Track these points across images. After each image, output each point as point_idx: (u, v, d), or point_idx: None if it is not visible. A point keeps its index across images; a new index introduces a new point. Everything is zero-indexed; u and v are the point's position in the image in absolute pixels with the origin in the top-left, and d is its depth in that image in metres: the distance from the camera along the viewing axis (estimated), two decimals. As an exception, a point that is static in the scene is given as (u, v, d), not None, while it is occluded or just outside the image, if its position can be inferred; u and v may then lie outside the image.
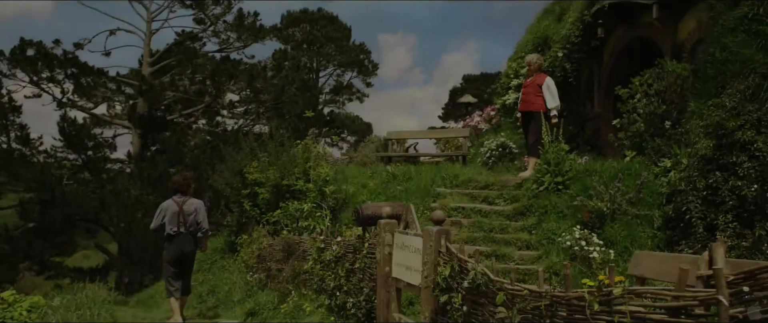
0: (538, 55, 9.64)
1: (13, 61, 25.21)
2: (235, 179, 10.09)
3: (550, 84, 8.99)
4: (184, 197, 7.83)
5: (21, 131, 24.90)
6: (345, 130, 37.53)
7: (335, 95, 39.17)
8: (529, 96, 9.10)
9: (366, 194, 9.70)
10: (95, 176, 26.11)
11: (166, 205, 7.90)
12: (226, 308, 8.42)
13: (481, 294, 3.81)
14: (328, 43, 36.71)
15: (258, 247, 8.53)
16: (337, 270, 5.98)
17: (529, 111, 9.07)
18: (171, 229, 7.68)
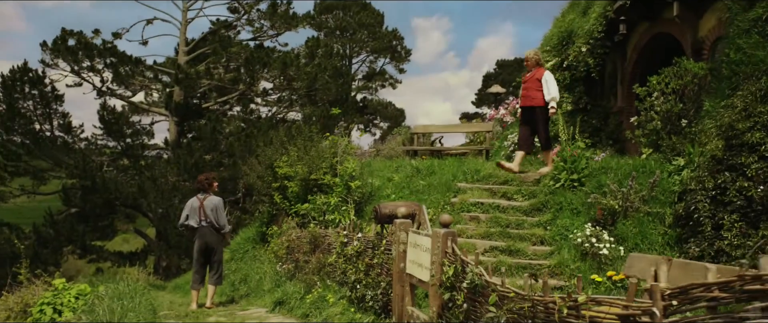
0: (536, 49, 9.68)
1: (55, 52, 26.24)
2: (266, 173, 10.63)
3: (548, 78, 9.15)
4: (206, 195, 8.69)
5: (63, 119, 25.95)
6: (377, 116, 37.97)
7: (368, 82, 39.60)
8: (529, 91, 9.25)
9: (391, 188, 10.16)
10: (133, 162, 27.06)
11: (190, 202, 8.85)
12: (256, 296, 9.03)
13: (478, 293, 4.23)
14: (360, 30, 37.09)
15: (287, 239, 9.08)
16: (357, 264, 6.47)
17: (531, 106, 9.24)
18: (194, 222, 8.65)
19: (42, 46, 26.14)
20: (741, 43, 7.64)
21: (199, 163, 25.33)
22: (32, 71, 25.13)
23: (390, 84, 39.82)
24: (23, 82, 25.06)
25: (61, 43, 26.26)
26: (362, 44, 38.03)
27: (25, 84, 25.03)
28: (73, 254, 25.69)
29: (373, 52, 38.58)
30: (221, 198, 8.83)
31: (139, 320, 5.40)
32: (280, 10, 28.94)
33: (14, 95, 24.91)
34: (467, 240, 7.57)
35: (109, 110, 26.51)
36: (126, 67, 27.20)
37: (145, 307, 6.41)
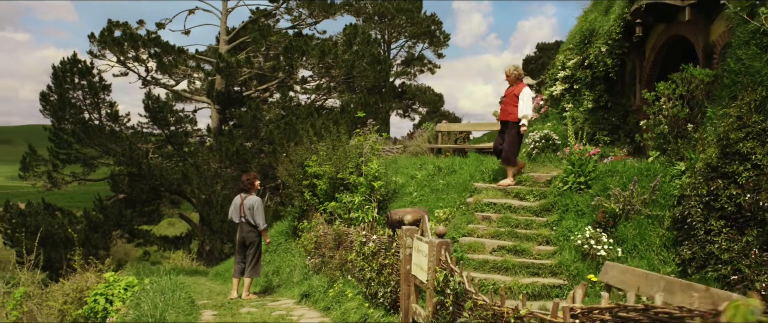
0: (515, 65, 10.11)
1: (102, 43, 27.62)
2: (297, 171, 11.53)
3: (524, 94, 9.63)
4: (247, 194, 9.68)
5: (111, 108, 27.33)
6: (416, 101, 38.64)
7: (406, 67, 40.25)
8: (507, 106, 9.76)
9: (414, 186, 10.95)
10: (177, 149, 28.40)
11: (235, 199, 9.97)
12: (286, 288, 9.99)
13: (460, 298, 5.01)
14: (399, 15, 37.70)
15: (315, 235, 9.99)
16: (372, 263, 7.31)
17: (506, 120, 9.75)
18: (235, 218, 9.83)
19: (90, 37, 27.59)
20: (740, 54, 8.14)
21: (240, 150, 26.50)
22: (81, 62, 26.52)
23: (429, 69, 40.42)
24: (73, 73, 26.46)
25: (108, 35, 27.62)
26: (401, 29, 38.68)
27: (74, 75, 26.43)
28: (122, 238, 27.29)
29: (411, 37, 39.21)
30: (260, 199, 9.83)
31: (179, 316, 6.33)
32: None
33: (65, 85, 26.37)
34: (477, 240, 8.31)
35: (153, 99, 27.78)
36: (169, 57, 28.42)
37: (185, 301, 7.39)
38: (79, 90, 26.78)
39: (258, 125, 27.86)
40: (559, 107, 12.94)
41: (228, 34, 29.83)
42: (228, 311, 8.18)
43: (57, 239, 24.43)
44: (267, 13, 30.38)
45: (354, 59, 28.68)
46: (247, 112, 27.88)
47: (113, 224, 26.37)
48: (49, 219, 25.19)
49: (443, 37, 39.41)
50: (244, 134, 27.87)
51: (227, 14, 29.97)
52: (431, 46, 39.72)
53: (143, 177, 26.56)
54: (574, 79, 12.70)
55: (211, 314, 8.04)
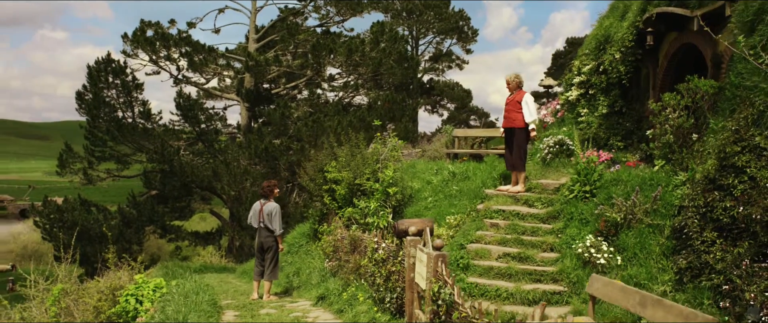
0: (515, 74, 10.48)
1: (135, 43, 28.66)
2: (318, 176, 12.13)
3: (528, 100, 10.06)
4: (266, 201, 10.30)
5: (143, 106, 28.37)
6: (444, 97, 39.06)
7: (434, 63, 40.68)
8: (510, 113, 10.19)
9: (429, 191, 11.48)
10: (208, 147, 29.32)
11: (254, 205, 10.67)
12: (305, 289, 10.63)
13: (450, 308, 5.54)
14: (427, 11, 38.14)
15: (333, 239, 10.58)
16: (381, 270, 7.87)
17: (511, 127, 10.19)
18: (255, 223, 10.58)
19: (123, 37, 28.62)
20: (740, 68, 8.47)
21: (268, 148, 27.27)
22: (115, 62, 27.57)
23: (457, 65, 40.79)
24: (107, 72, 27.53)
25: (141, 35, 28.63)
26: (429, 25, 39.10)
27: (108, 74, 27.50)
28: (154, 233, 28.33)
29: (439, 33, 39.61)
30: (278, 205, 10.49)
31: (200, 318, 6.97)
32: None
33: (99, 84, 27.47)
34: (484, 246, 8.81)
35: (184, 97, 28.71)
36: (200, 56, 29.34)
37: (207, 303, 8.04)
38: (113, 89, 27.84)
39: (286, 123, 28.56)
40: (574, 112, 13.30)
41: (257, 33, 30.61)
42: (248, 312, 8.82)
43: (93, 234, 25.51)
44: (295, 11, 31.08)
45: (381, 57, 29.18)
46: (276, 109, 28.61)
47: (146, 219, 27.41)
48: (85, 215, 26.30)
49: (471, 32, 39.73)
50: (272, 131, 28.62)
51: (256, 13, 30.75)
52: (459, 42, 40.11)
53: (175, 174, 27.51)
54: (590, 85, 13.05)
55: (233, 314, 8.70)
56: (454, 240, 9.19)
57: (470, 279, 8.15)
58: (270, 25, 30.88)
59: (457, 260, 8.45)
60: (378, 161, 11.28)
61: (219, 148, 28.90)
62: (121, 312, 9.25)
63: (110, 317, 10.37)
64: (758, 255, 7.34)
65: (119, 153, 28.47)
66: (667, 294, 7.71)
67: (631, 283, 7.76)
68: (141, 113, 28.16)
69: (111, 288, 11.51)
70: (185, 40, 28.97)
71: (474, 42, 39.75)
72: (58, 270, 14.28)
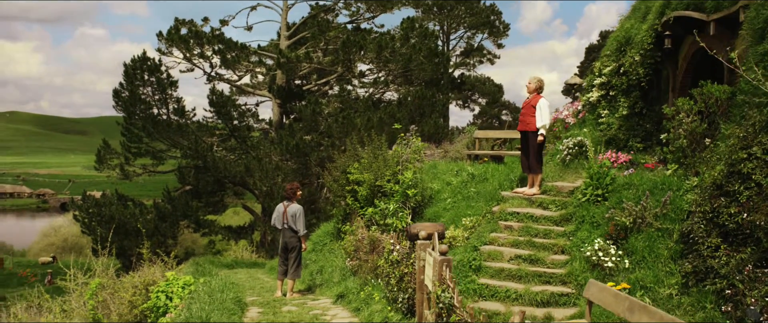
0: (537, 77, 10.78)
1: (169, 41, 29.51)
2: (341, 177, 12.61)
3: (542, 105, 10.38)
4: (290, 202, 10.78)
5: (177, 103, 29.21)
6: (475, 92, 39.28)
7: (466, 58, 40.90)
8: (525, 117, 10.53)
9: (448, 192, 11.87)
10: (240, 142, 30.08)
11: (278, 207, 11.20)
12: (327, 287, 11.14)
13: (450, 311, 5.97)
14: (458, 6, 38.35)
15: (354, 239, 11.06)
16: (395, 271, 8.31)
17: (525, 130, 10.53)
18: (278, 225, 11.06)
19: (158, 36, 29.49)
20: (750, 75, 8.67)
21: (299, 144, 27.88)
22: (150, 60, 28.42)
23: (488, 60, 40.94)
24: (142, 70, 28.40)
25: (175, 33, 29.46)
26: (460, 20, 39.34)
27: (144, 72, 28.37)
28: (188, 228, 29.23)
29: (470, 27, 39.82)
30: (301, 207, 11.03)
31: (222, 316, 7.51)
32: (376, -7, 30.86)
33: (135, 82, 28.37)
34: (497, 248, 9.19)
35: (217, 94, 29.47)
36: (232, 53, 30.08)
37: (232, 301, 8.59)
38: (148, 86, 28.70)
39: (317, 119, 29.12)
40: (595, 113, 13.54)
41: (288, 30, 31.23)
42: (271, 309, 9.36)
43: (129, 228, 26.44)
44: (326, 8, 31.60)
45: (411, 53, 29.54)
46: (307, 106, 29.18)
47: (180, 214, 28.29)
48: (122, 210, 27.26)
49: (503, 27, 39.82)
50: (303, 127, 29.21)
51: (287, 10, 31.34)
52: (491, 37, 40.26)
53: (208, 169, 28.36)
54: (610, 86, 13.27)
55: (256, 311, 9.25)
56: (469, 242, 9.57)
57: (481, 280, 8.54)
58: (301, 23, 31.48)
59: (469, 261, 8.83)
60: (399, 163, 11.70)
61: (251, 144, 29.61)
62: (152, 308, 9.87)
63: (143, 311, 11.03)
64: (761, 260, 7.59)
65: (154, 149, 29.38)
66: (672, 297, 7.98)
67: (637, 286, 8.06)
68: (175, 109, 28.98)
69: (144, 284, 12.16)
70: (218, 37, 29.73)
71: (505, 36, 39.93)
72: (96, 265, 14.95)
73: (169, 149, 29.60)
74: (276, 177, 27.70)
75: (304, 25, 31.36)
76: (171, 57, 29.88)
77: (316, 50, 30.48)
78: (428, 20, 37.03)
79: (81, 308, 14.01)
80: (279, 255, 11.35)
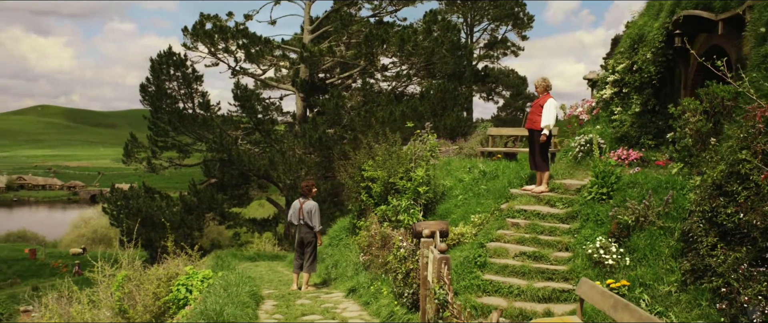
0: (543, 78, 11.19)
1: (194, 36, 30.20)
2: (356, 173, 13.05)
3: (548, 105, 10.72)
4: (305, 199, 11.25)
5: (202, 97, 29.92)
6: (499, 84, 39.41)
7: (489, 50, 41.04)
8: (533, 115, 10.90)
9: (460, 189, 12.24)
10: (265, 136, 30.70)
11: (294, 204, 11.71)
12: (341, 281, 11.61)
13: (444, 307, 6.37)
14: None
15: (368, 234, 11.49)
16: (402, 267, 8.73)
17: (532, 129, 10.90)
18: (295, 221, 11.57)
19: (183, 31, 30.16)
20: (753, 76, 8.89)
21: (322, 137, 28.39)
22: (176, 55, 29.15)
23: (512, 52, 41.04)
24: (168, 65, 29.15)
25: (200, 28, 30.14)
26: (483, 12, 39.47)
27: (170, 67, 29.11)
28: (214, 220, 29.98)
29: (494, 19, 39.93)
30: (317, 204, 11.53)
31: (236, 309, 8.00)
32: (398, -14, 31.19)
33: (161, 76, 29.13)
34: (503, 245, 9.54)
35: (241, 88, 30.10)
36: (256, 47, 30.67)
37: (247, 294, 9.08)
38: (174, 81, 29.43)
39: (340, 112, 29.57)
40: (608, 110, 13.76)
41: (311, 24, 31.70)
42: (285, 302, 9.85)
43: (156, 220, 27.23)
44: (349, 1, 31.98)
45: (433, 46, 29.81)
46: (330, 99, 29.65)
47: (206, 207, 29.04)
48: (149, 202, 28.08)
49: (527, 18, 39.85)
50: (326, 121, 29.70)
51: (311, 4, 31.80)
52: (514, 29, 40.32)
53: (233, 163, 29.03)
54: (624, 84, 13.47)
55: (271, 304, 9.75)
56: (477, 239, 9.94)
57: (486, 276, 8.90)
58: (324, 17, 31.94)
59: (475, 258, 9.20)
60: (411, 161, 12.10)
61: (275, 137, 30.21)
62: (173, 300, 10.43)
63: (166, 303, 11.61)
64: (756, 259, 7.86)
65: (180, 143, 30.15)
66: (671, 294, 8.26)
67: (636, 283, 8.36)
68: (200, 104, 29.68)
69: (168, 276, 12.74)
70: (242, 32, 30.34)
71: (529, 28, 40.01)
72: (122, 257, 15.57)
73: (194, 142, 30.35)
74: (299, 170, 28.24)
75: (327, 19, 31.81)
76: (196, 52, 30.63)
77: (339, 44, 30.93)
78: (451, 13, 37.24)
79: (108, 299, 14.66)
80: (295, 250, 11.85)
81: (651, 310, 8.03)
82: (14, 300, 31.23)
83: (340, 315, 8.90)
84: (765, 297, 7.46)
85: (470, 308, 8.09)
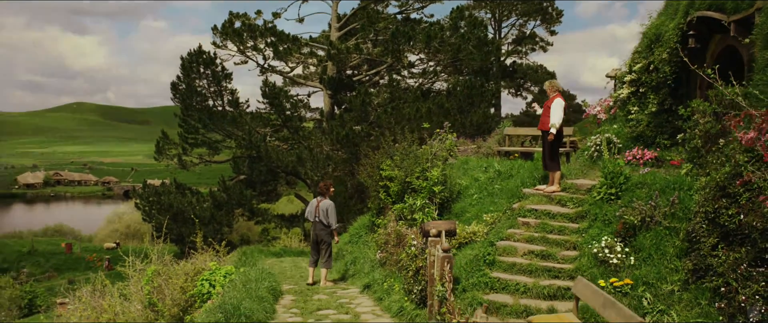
0: (551, 81, 11.68)
1: (224, 34, 30.94)
2: (375, 173, 13.52)
3: (555, 106, 11.09)
4: (323, 198, 11.82)
5: (232, 95, 30.69)
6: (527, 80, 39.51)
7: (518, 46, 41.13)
8: (544, 116, 11.29)
9: (476, 188, 12.63)
10: (293, 133, 31.34)
11: (311, 202, 12.29)
12: (358, 277, 12.10)
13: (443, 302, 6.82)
14: (510, -7, 38.64)
15: (384, 232, 11.97)
16: (412, 264, 9.19)
17: (544, 130, 11.25)
18: (311, 218, 12.15)
19: (213, 30, 30.95)
20: (758, 79, 9.14)
21: (349, 134, 28.90)
22: (205, 53, 29.93)
23: (540, 47, 41.08)
24: (198, 63, 29.95)
25: (229, 26, 30.88)
26: (512, 8, 39.57)
27: (200, 65, 29.91)
28: (243, 216, 30.75)
29: (522, 15, 40.01)
30: (333, 203, 12.06)
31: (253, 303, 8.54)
32: (425, -17, 31.54)
33: (192, 75, 29.95)
34: (512, 244, 9.92)
35: (270, 85, 30.76)
36: (284, 45, 31.31)
37: (265, 290, 9.64)
38: (204, 79, 30.23)
39: (367, 109, 30.06)
40: (625, 110, 14.00)
41: (338, 21, 32.22)
42: (303, 297, 10.39)
43: (187, 216, 28.06)
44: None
45: (460, 43, 30.12)
46: (357, 96, 30.15)
47: (235, 202, 29.80)
48: (180, 198, 28.92)
49: (556, 13, 39.84)
50: (353, 117, 30.21)
51: (338, 1, 32.31)
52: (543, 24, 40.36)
53: (261, 159, 29.73)
54: (640, 83, 13.70)
55: (290, 299, 10.30)
56: (488, 237, 10.35)
57: (494, 273, 9.30)
58: (351, 14, 32.42)
59: (484, 256, 9.60)
60: (428, 160, 12.53)
61: (303, 134, 30.82)
62: (197, 294, 11.04)
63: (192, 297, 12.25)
64: (756, 260, 8.14)
65: (210, 140, 30.95)
66: (674, 292, 8.56)
67: (640, 282, 8.67)
68: (230, 101, 30.44)
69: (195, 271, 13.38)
70: (271, 30, 31.00)
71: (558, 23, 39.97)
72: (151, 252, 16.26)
73: (224, 139, 31.12)
74: (327, 167, 28.81)
75: (354, 16, 32.30)
76: (225, 50, 31.38)
77: (366, 41, 31.40)
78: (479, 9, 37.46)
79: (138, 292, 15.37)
80: (311, 246, 12.45)
81: (653, 308, 8.30)
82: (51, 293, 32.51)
83: (353, 310, 9.39)
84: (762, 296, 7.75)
85: (476, 304, 8.51)
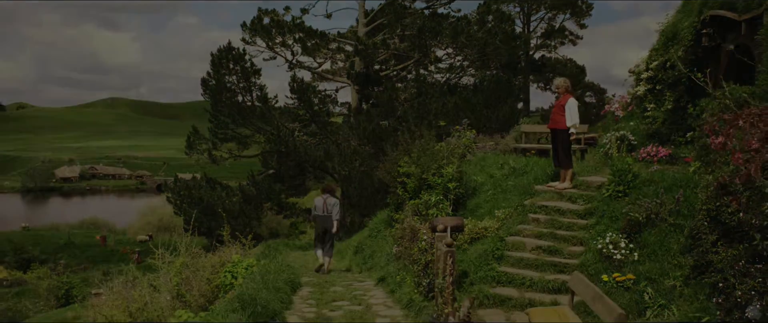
0: (564, 79, 11.95)
1: (253, 31, 31.64)
2: (393, 169, 14.02)
3: (570, 105, 11.34)
4: (329, 196, 13.45)
5: (260, 91, 31.36)
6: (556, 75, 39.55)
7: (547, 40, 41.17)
8: (555, 115, 11.58)
9: (490, 184, 13.06)
10: (321, 128, 31.93)
11: (317, 199, 13.69)
12: (374, 270, 12.63)
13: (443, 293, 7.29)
14: (539, -14, 38.71)
15: (400, 227, 12.47)
16: (422, 258, 9.67)
17: (555, 128, 11.59)
18: (319, 213, 13.53)
19: (242, 26, 31.66)
20: (763, 79, 9.40)
21: (376, 129, 29.42)
22: (235, 49, 30.64)
23: (570, 41, 41.03)
24: (228, 59, 30.66)
25: (258, 23, 31.56)
26: (540, 1, 39.61)
27: (229, 61, 30.63)
28: (271, 210, 31.49)
29: (551, 8, 40.03)
30: (338, 200, 13.50)
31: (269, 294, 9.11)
32: (452, -22, 31.85)
33: (221, 71, 30.70)
34: (521, 239, 10.35)
35: (298, 81, 31.37)
36: (312, 41, 31.92)
37: (283, 281, 10.22)
38: (233, 75, 30.95)
39: (394, 104, 30.53)
40: (641, 107, 14.27)
41: (366, 17, 32.71)
42: (321, 289, 10.95)
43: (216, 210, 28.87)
44: (403, -7, 32.82)
45: (487, 37, 30.40)
46: (384, 91, 30.62)
47: (264, 197, 30.52)
48: (210, 192, 29.76)
49: (586, 6, 39.78)
50: (380, 112, 30.70)
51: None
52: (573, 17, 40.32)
53: (290, 154, 30.36)
54: (657, 80, 13.96)
55: (308, 290, 10.88)
56: (498, 233, 10.78)
57: (501, 268, 9.74)
58: (379, 9, 32.87)
59: (493, 251, 10.04)
60: (445, 157, 12.99)
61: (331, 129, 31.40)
62: (220, 285, 11.68)
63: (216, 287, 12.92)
64: (754, 256, 8.45)
65: (240, 135, 31.70)
66: (676, 288, 8.91)
67: (642, 278, 9.02)
68: (259, 96, 31.10)
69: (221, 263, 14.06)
70: (299, 26, 31.60)
71: (588, 16, 39.88)
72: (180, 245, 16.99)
73: (253, 134, 31.83)
74: (354, 161, 29.34)
75: (381, 12, 32.74)
76: (254, 46, 32.06)
77: (393, 37, 31.84)
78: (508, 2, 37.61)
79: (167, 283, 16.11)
80: (317, 237, 13.97)
81: (653, 303, 8.65)
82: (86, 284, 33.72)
83: (366, 301, 9.92)
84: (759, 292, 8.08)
85: (482, 297, 8.97)
